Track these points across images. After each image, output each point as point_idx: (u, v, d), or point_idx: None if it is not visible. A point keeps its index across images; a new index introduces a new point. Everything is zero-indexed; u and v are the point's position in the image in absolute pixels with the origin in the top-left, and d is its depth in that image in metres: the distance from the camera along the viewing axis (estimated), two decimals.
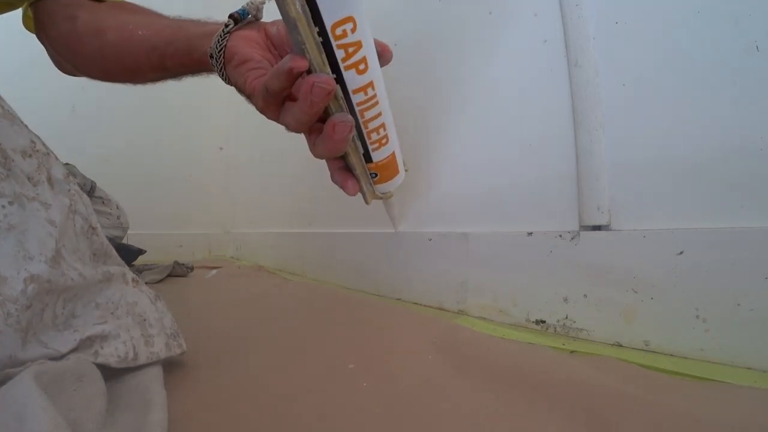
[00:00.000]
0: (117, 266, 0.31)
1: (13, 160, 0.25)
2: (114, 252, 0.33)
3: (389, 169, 0.34)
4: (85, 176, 0.78)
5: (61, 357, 0.23)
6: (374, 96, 0.27)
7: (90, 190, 0.78)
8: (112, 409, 0.24)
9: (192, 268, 0.94)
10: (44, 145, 0.30)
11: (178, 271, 0.89)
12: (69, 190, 0.29)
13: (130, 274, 0.32)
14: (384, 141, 0.31)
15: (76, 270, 0.26)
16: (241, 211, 1.34)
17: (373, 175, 0.34)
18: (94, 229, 0.31)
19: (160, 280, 0.83)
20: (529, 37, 0.49)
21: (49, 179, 0.28)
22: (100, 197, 0.81)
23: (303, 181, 0.95)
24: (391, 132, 0.32)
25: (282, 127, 0.31)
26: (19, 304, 0.21)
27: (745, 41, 0.34)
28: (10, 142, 0.26)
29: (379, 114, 0.29)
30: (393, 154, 0.33)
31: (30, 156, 0.27)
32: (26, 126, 0.29)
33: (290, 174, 1.01)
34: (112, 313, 0.28)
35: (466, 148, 0.56)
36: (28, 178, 0.26)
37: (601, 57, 0.42)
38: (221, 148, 1.40)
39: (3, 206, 0.23)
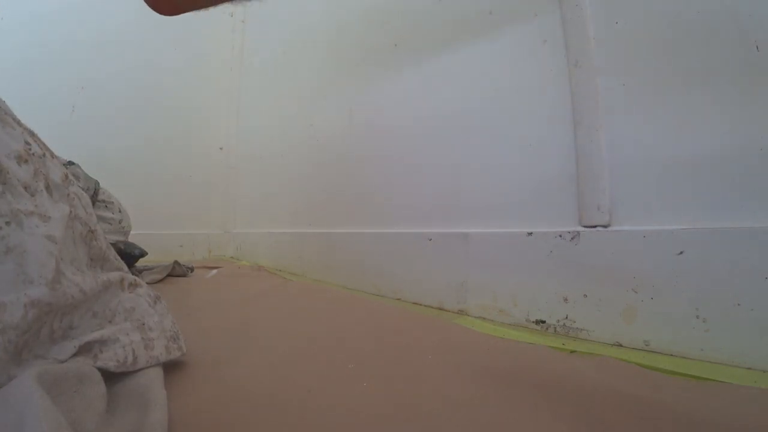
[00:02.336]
0: (115, 271, 0.31)
1: (8, 172, 0.24)
2: (112, 255, 0.33)
3: None
4: (89, 176, 0.78)
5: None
6: None
7: (94, 193, 0.78)
8: (112, 409, 0.23)
9: (192, 269, 0.94)
10: (40, 144, 0.29)
11: (178, 271, 0.89)
12: (68, 194, 0.28)
13: (128, 279, 0.31)
14: None
15: (76, 286, 0.25)
16: (241, 211, 1.34)
17: None
18: (93, 232, 0.30)
19: (161, 280, 0.83)
20: (529, 37, 0.49)
21: (48, 186, 0.27)
22: (103, 201, 0.81)
23: (303, 181, 0.95)
24: None
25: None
26: (20, 330, 0.21)
27: (745, 41, 0.34)
28: (3, 148, 0.25)
29: None
30: None
31: (26, 161, 0.26)
32: (19, 123, 0.28)
33: (290, 174, 1.01)
34: (109, 321, 0.28)
35: (466, 148, 0.56)
36: (25, 188, 0.25)
37: (601, 57, 0.42)
38: (221, 148, 1.40)
39: (0, 227, 0.22)
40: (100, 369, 0.25)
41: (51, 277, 0.23)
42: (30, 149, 0.27)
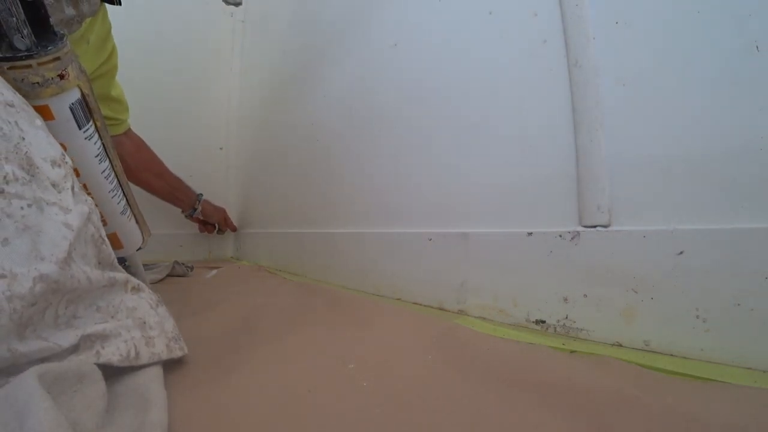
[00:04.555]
0: (120, 273, 0.32)
1: (38, 168, 0.27)
2: (117, 264, 0.34)
3: (113, 242, 0.48)
4: None
5: (63, 352, 0.24)
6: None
7: None
8: (112, 409, 0.24)
9: (192, 268, 0.94)
10: (72, 162, 0.32)
11: (178, 271, 0.89)
12: (86, 201, 0.31)
13: (132, 282, 0.33)
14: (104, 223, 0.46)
15: (84, 273, 0.27)
16: (241, 211, 1.34)
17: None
18: (103, 240, 0.32)
19: (161, 280, 0.83)
20: (529, 37, 0.49)
21: (73, 189, 0.30)
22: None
23: (303, 181, 0.95)
24: (112, 220, 0.49)
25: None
26: (26, 302, 0.22)
27: (745, 41, 0.34)
28: (41, 151, 0.28)
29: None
30: (115, 233, 0.51)
31: (59, 166, 0.29)
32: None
33: (290, 174, 1.01)
34: (112, 317, 0.29)
35: (466, 148, 0.56)
36: (53, 185, 0.27)
37: (601, 57, 0.42)
38: (221, 148, 1.40)
39: (21, 207, 0.24)
40: (103, 365, 0.25)
41: (62, 258, 0.25)
42: (65, 159, 0.30)
